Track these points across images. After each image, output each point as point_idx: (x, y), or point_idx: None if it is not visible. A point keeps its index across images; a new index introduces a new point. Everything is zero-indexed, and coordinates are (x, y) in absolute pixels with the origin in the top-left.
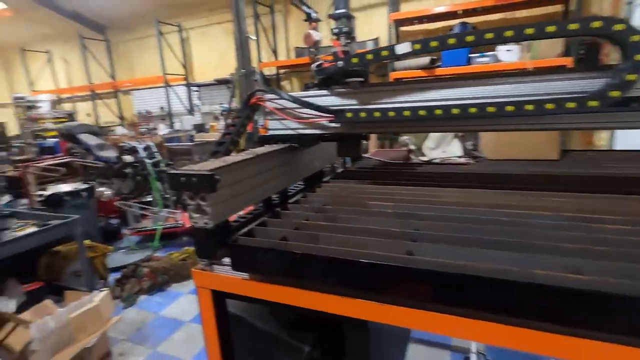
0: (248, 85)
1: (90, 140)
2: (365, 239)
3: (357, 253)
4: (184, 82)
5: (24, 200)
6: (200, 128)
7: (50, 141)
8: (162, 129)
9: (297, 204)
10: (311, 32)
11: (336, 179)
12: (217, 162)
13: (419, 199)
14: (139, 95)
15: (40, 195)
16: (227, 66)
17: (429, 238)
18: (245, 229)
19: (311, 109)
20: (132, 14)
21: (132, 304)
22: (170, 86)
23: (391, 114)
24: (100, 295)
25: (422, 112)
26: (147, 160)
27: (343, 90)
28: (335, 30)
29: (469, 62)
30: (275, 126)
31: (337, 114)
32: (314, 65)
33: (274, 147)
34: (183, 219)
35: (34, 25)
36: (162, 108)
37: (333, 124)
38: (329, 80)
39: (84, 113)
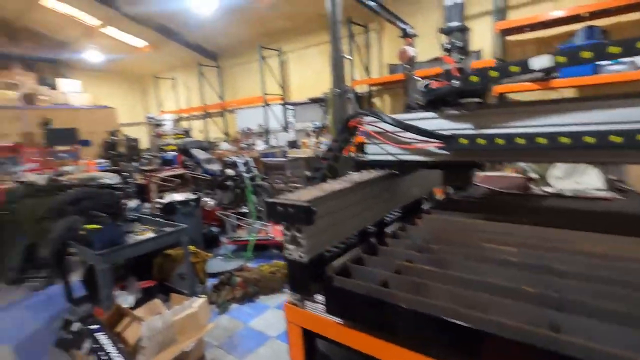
0: (341, 104)
1: (200, 154)
2: (486, 296)
3: (477, 318)
4: (281, 102)
5: (147, 205)
6: (293, 144)
7: (170, 154)
8: (260, 145)
9: (396, 238)
10: (406, 47)
11: (438, 209)
12: (314, 191)
13: (552, 244)
14: (242, 114)
15: (159, 203)
16: (322, 85)
17: (580, 307)
18: (339, 262)
19: (418, 133)
20: (239, 42)
21: (225, 311)
22: (268, 105)
23: (520, 141)
24: (199, 302)
25: (564, 140)
26: (245, 174)
27: (455, 112)
28: (447, 46)
29: (596, 71)
30: (374, 151)
31: (448, 139)
32: (421, 86)
33: (372, 173)
34: (273, 232)
35: (165, 57)
36: (260, 125)
37: (443, 151)
38: (438, 101)
39: (197, 130)
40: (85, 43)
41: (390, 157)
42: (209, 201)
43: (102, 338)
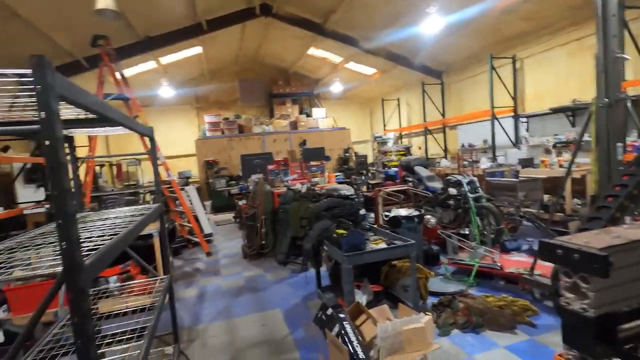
0: (614, 116)
1: (422, 171)
2: None
3: None
4: (511, 114)
5: (371, 215)
6: (526, 162)
7: (392, 170)
8: (484, 163)
9: None
10: None
11: None
12: (606, 237)
13: None
14: (464, 129)
15: (386, 216)
16: (567, 92)
17: None
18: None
19: None
20: (468, 56)
21: (447, 335)
22: (496, 119)
23: None
24: (426, 318)
25: None
26: (470, 195)
27: None
28: None
29: None
30: None
31: None
32: None
33: None
34: (501, 261)
35: (391, 80)
36: (484, 141)
37: None
38: None
39: (416, 146)
40: (331, 78)
41: None
42: (430, 219)
43: (347, 327)
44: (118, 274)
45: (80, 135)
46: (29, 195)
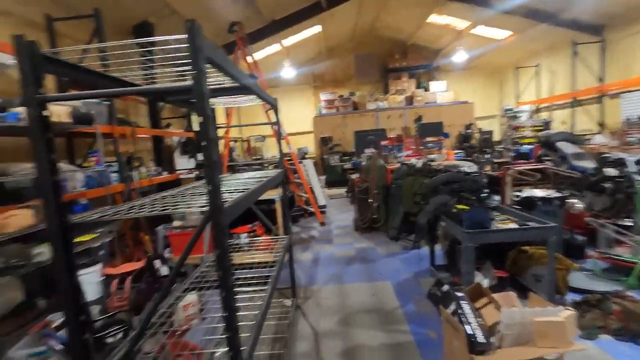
0: None
1: (567, 148)
2: None
3: None
4: None
5: (496, 197)
6: None
7: (525, 148)
8: None
9: None
10: None
11: None
12: None
13: None
14: (630, 98)
15: (517, 196)
16: None
17: None
18: None
19: None
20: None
21: (592, 338)
22: None
23: None
24: (567, 313)
25: None
26: (637, 177)
27: None
28: None
29: None
30: None
31: None
32: None
33: None
34: None
35: (528, 44)
36: None
37: None
38: None
39: (558, 121)
40: (453, 47)
41: None
42: (576, 203)
43: (466, 307)
44: (247, 232)
45: (219, 112)
46: (183, 163)
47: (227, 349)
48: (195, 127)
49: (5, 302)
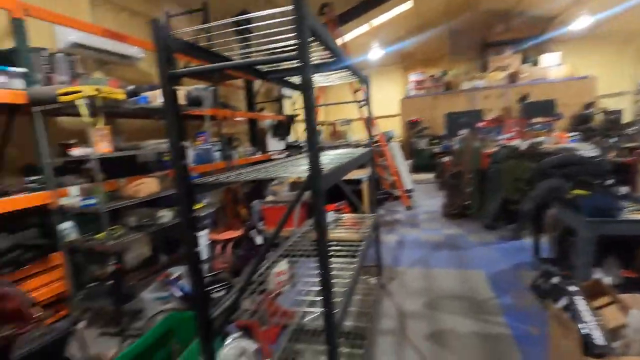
0: None
1: None
2: None
3: None
4: None
5: (624, 188)
6: None
7: None
8: None
9: None
10: None
11: None
12: None
13: None
14: None
15: None
16: None
17: None
18: None
19: None
20: None
21: None
22: None
23: None
24: None
25: None
26: None
27: None
28: None
29: None
30: None
31: None
32: None
33: None
34: None
35: None
36: None
37: None
38: None
39: None
40: (572, 12)
41: None
42: None
43: (581, 304)
44: (334, 210)
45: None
46: (274, 145)
47: (322, 309)
48: (286, 110)
49: (138, 256)
